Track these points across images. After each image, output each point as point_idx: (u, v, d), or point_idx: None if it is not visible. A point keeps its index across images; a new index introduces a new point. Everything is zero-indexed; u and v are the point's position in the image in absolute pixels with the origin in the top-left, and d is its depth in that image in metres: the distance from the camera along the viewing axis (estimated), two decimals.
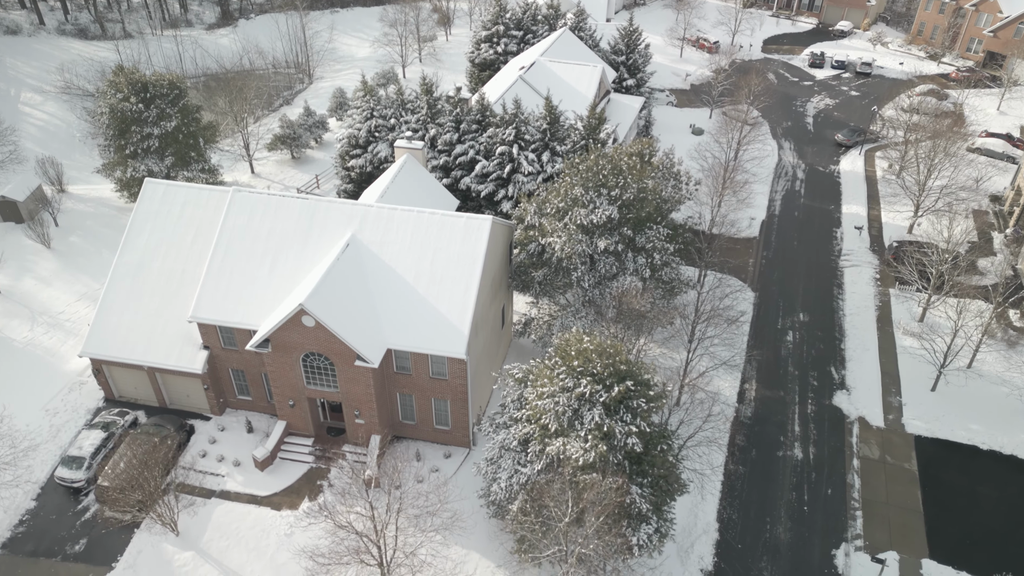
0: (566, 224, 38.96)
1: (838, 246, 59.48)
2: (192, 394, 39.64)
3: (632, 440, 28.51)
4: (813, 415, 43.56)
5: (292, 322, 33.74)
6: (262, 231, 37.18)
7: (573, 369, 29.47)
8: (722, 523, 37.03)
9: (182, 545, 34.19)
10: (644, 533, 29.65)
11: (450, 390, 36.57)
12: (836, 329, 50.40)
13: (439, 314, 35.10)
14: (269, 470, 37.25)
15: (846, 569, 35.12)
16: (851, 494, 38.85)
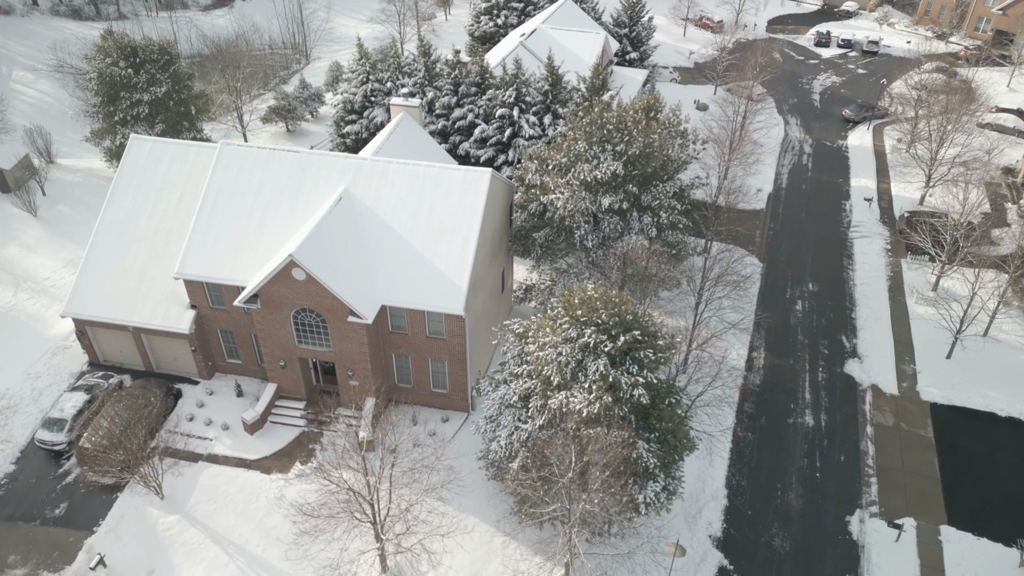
0: (569, 181, 37.43)
1: (847, 218, 57.96)
2: (179, 357, 38.10)
3: (639, 391, 26.96)
4: (824, 383, 42.05)
5: (282, 275, 32.21)
6: (251, 185, 35.64)
7: (577, 319, 27.93)
8: (731, 489, 35.50)
9: (167, 509, 32.66)
10: (651, 491, 28.14)
11: (448, 350, 35.02)
12: (846, 299, 48.90)
13: (436, 269, 33.56)
14: (259, 434, 35.71)
15: (861, 535, 33.60)
16: (865, 461, 37.32)
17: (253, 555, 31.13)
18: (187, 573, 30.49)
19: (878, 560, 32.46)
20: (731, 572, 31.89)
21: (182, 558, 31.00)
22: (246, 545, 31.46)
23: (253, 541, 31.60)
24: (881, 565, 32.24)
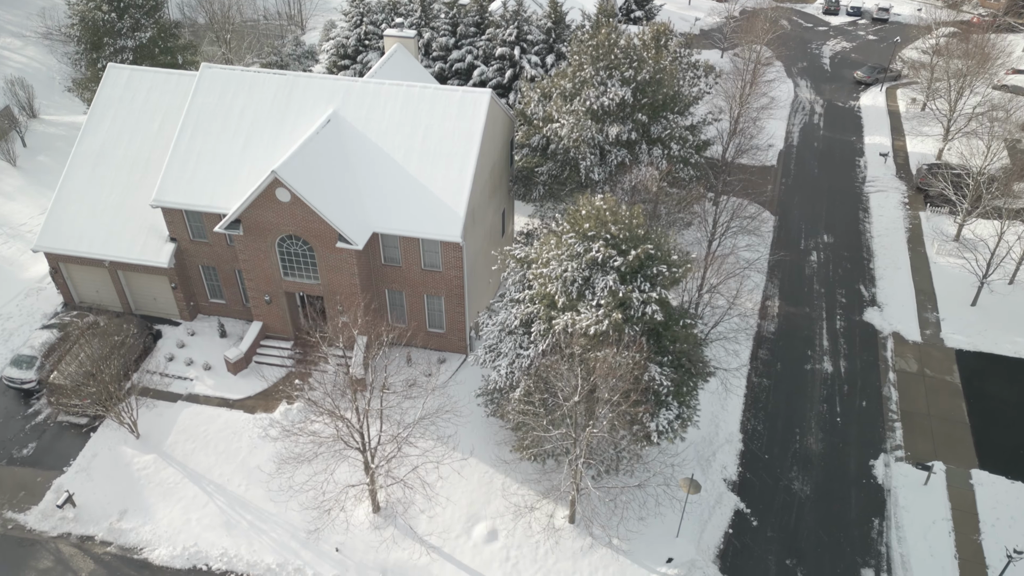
0: (573, 109, 35.18)
1: (862, 173, 55.72)
2: (159, 297, 35.89)
3: (652, 308, 24.73)
4: (843, 331, 39.81)
5: (265, 197, 29.98)
6: (234, 109, 33.37)
7: (584, 233, 25.69)
8: (746, 434, 33.26)
9: (142, 448, 30.46)
10: (664, 419, 25.92)
11: (444, 284, 32.79)
12: (863, 250, 46.67)
13: (431, 194, 31.33)
14: (243, 374, 33.48)
15: (887, 479, 31.36)
16: (888, 406, 35.08)
17: (235, 494, 28.93)
18: (163, 512, 28.31)
19: (906, 504, 30.22)
20: (748, 515, 29.69)
21: (158, 498, 28.80)
22: (227, 485, 29.26)
23: (235, 480, 29.40)
24: (909, 509, 30.00)
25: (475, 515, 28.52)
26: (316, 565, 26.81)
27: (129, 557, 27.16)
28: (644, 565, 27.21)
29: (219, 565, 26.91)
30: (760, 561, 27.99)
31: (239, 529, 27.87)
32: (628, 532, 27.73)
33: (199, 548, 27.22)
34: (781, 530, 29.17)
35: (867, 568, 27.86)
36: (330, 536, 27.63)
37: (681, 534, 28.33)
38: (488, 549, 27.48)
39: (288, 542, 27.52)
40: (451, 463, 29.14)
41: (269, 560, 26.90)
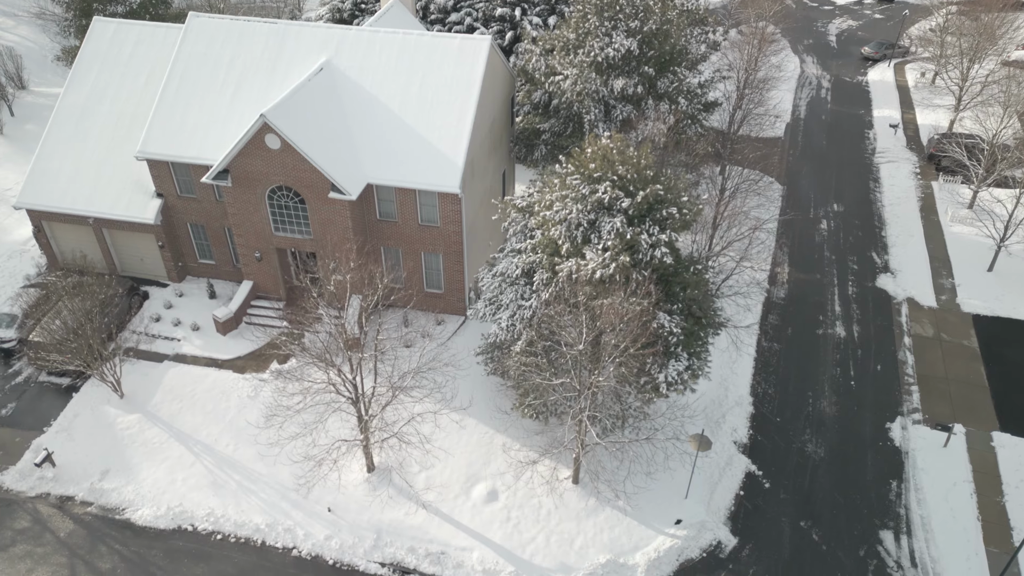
0: (577, 61, 33.83)
1: (871, 145, 54.36)
2: (147, 257, 34.55)
3: (661, 251, 23.38)
4: (855, 296, 38.46)
5: (254, 144, 28.64)
6: (223, 59, 32.03)
7: (590, 175, 24.37)
8: (756, 397, 31.91)
9: (127, 408, 29.14)
10: (673, 370, 24.58)
11: (442, 240, 31.46)
12: (875, 218, 45.33)
13: (428, 144, 29.99)
14: (232, 334, 32.16)
15: (904, 442, 30.02)
16: (904, 370, 33.73)
17: (223, 455, 27.62)
18: (147, 473, 26.99)
19: (924, 466, 28.88)
20: (759, 478, 28.35)
21: (142, 458, 27.48)
22: (215, 445, 27.94)
23: (223, 441, 28.08)
24: (928, 471, 28.66)
25: (474, 475, 27.20)
26: (307, 525, 25.49)
27: (110, 517, 25.85)
28: (652, 526, 25.90)
29: (205, 526, 25.59)
30: (773, 523, 26.67)
31: (227, 489, 26.56)
32: (636, 488, 26.44)
33: (184, 508, 25.91)
34: (795, 492, 27.85)
35: (886, 530, 26.54)
36: (322, 496, 26.34)
37: (690, 496, 27.01)
38: (488, 509, 26.16)
39: (278, 502, 26.21)
40: (449, 414, 27.81)
41: (258, 520, 25.58)
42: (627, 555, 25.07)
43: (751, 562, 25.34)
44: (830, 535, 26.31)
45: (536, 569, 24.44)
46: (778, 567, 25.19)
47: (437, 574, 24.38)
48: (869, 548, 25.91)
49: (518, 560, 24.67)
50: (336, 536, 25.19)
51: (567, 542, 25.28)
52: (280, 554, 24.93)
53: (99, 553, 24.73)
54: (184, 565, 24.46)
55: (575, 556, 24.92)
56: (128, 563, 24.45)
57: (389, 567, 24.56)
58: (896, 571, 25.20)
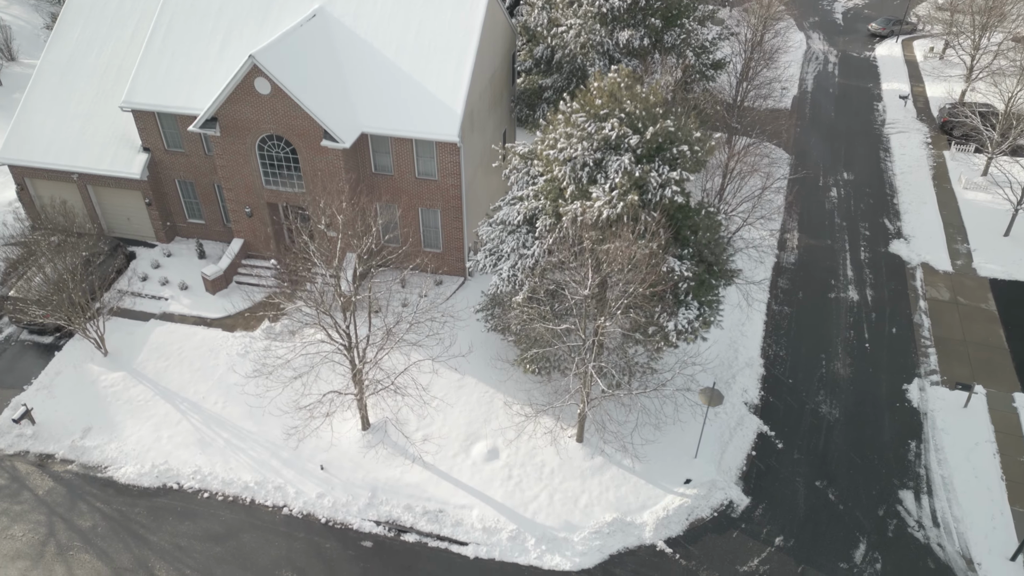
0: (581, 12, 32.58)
1: (881, 117, 53.07)
2: (134, 216, 33.32)
3: (672, 190, 22.13)
4: (868, 261, 37.22)
5: (243, 89, 27.37)
6: (212, 7, 30.70)
7: (596, 112, 23.12)
8: (767, 359, 30.67)
9: (110, 366, 27.93)
10: (684, 318, 23.34)
11: (440, 195, 30.22)
12: (886, 186, 44.07)
13: (426, 92, 28.73)
14: (222, 293, 30.92)
15: (922, 403, 28.79)
16: (920, 333, 32.49)
17: (211, 412, 26.38)
18: (131, 430, 25.77)
19: (944, 426, 27.65)
20: (772, 438, 27.11)
21: (126, 416, 26.26)
22: (202, 403, 26.71)
23: (211, 399, 26.85)
24: (949, 431, 27.43)
25: (474, 433, 25.97)
26: (298, 483, 24.26)
27: (92, 475, 24.63)
28: (660, 485, 24.66)
29: (191, 484, 24.36)
30: (787, 483, 25.43)
31: (214, 447, 25.33)
32: (644, 441, 25.27)
33: (170, 466, 24.68)
34: (809, 453, 26.61)
35: (905, 489, 25.30)
36: (314, 454, 25.13)
37: (700, 455, 25.78)
38: (488, 467, 24.93)
39: (268, 460, 24.98)
40: (448, 363, 26.60)
41: (247, 478, 24.35)
42: (634, 514, 23.84)
43: (764, 521, 24.11)
44: (847, 495, 25.07)
45: (539, 527, 23.23)
46: (793, 526, 23.97)
47: (435, 532, 23.16)
48: (888, 508, 24.68)
49: (520, 518, 23.46)
50: (329, 494, 23.97)
51: (571, 500, 24.06)
52: (270, 512, 23.70)
53: (79, 511, 23.51)
54: (168, 523, 23.24)
55: (580, 514, 23.70)
56: (109, 521, 23.22)
57: (384, 525, 23.33)
58: (917, 530, 23.98)
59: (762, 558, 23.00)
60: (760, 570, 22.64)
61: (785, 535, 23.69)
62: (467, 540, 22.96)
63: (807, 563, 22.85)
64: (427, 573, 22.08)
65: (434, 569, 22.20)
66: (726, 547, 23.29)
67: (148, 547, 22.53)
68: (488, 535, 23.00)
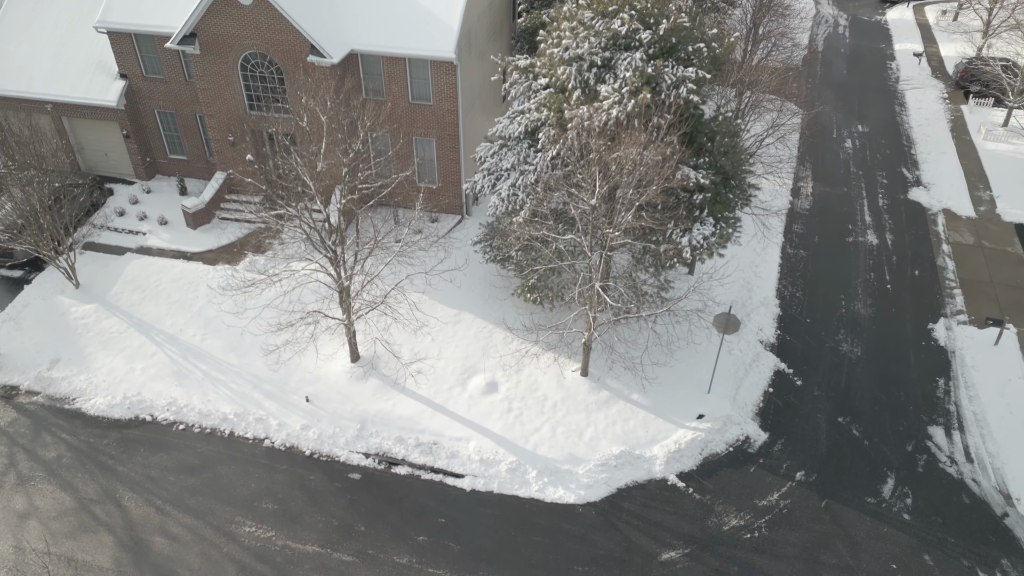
0: None
1: (895, 74, 51.26)
2: (112, 152, 31.52)
3: (687, 88, 20.33)
4: (886, 207, 35.42)
5: (224, 1, 25.62)
6: None
7: (604, 8, 21.31)
8: (783, 299, 28.89)
9: (82, 298, 26.15)
10: (699, 234, 21.55)
11: (436, 121, 28.41)
12: (903, 138, 42.27)
13: (420, 7, 26.86)
14: (204, 228, 29.13)
15: (949, 341, 27.00)
16: (944, 275, 30.71)
17: (189, 344, 24.60)
18: (102, 362, 23.98)
19: (974, 363, 25.84)
20: (790, 375, 25.30)
21: (97, 347, 24.47)
22: (180, 335, 24.93)
23: (189, 331, 25.08)
24: (979, 368, 25.61)
25: (471, 367, 24.18)
26: (281, 415, 22.48)
27: (59, 407, 22.85)
28: (671, 420, 22.89)
29: (166, 415, 22.59)
30: (808, 418, 23.65)
31: (192, 379, 23.55)
32: (653, 363, 23.56)
33: (143, 398, 22.90)
34: (830, 389, 24.82)
35: (935, 425, 23.50)
36: (299, 387, 23.37)
37: (713, 391, 23.99)
38: (487, 400, 23.14)
39: (250, 392, 23.21)
40: (443, 275, 24.84)
41: (226, 410, 22.55)
42: (644, 448, 22.06)
43: (784, 457, 22.32)
44: (872, 431, 23.27)
45: (540, 460, 21.45)
46: (815, 462, 22.17)
47: (428, 464, 21.40)
48: (918, 443, 22.88)
49: (520, 450, 21.68)
50: (314, 426, 22.18)
51: (575, 433, 22.28)
52: (250, 445, 21.92)
53: (43, 442, 21.73)
54: (140, 455, 21.47)
55: (585, 447, 21.92)
56: (75, 452, 21.45)
57: (374, 457, 21.55)
58: (950, 465, 22.19)
59: (782, 492, 21.21)
60: (780, 504, 20.86)
61: (807, 470, 21.90)
62: (463, 472, 21.17)
63: (831, 498, 21.05)
64: (420, 505, 20.32)
65: (427, 501, 20.43)
66: (743, 482, 21.51)
67: (116, 478, 20.75)
68: (486, 467, 21.22)
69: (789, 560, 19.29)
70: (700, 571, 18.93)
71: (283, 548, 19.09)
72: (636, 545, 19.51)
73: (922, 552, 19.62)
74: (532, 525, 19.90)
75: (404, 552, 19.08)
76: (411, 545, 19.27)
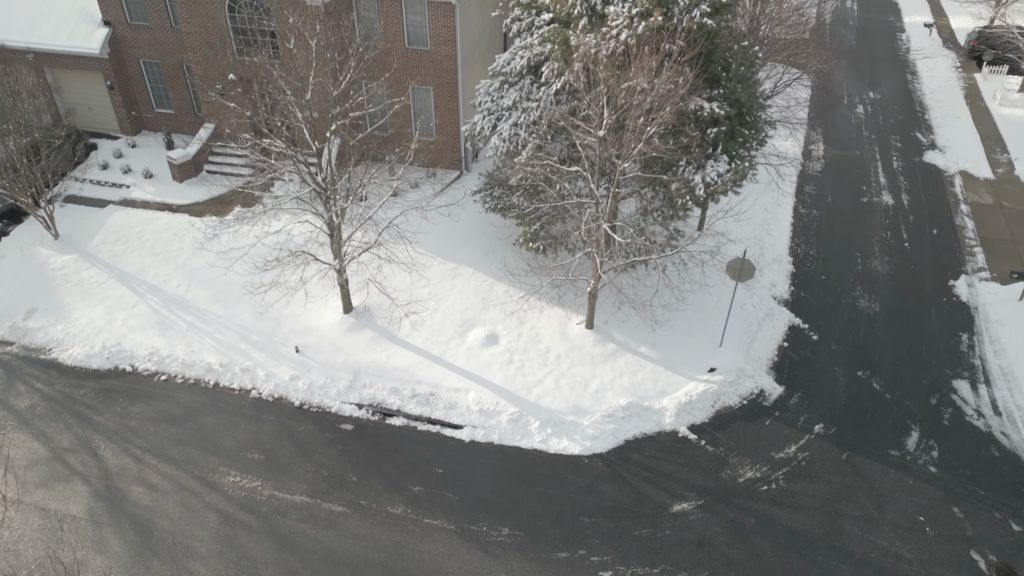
0: None
1: (905, 45, 50.04)
2: (96, 105, 30.28)
3: (702, 10, 19.07)
4: (901, 169, 34.19)
5: None
6: None
7: None
8: (796, 257, 27.67)
9: (61, 249, 24.92)
10: (713, 171, 20.32)
11: (433, 68, 27.15)
12: (916, 104, 41.02)
13: None
14: (190, 182, 27.91)
15: (972, 297, 25.76)
16: (964, 234, 29.48)
17: (173, 295, 23.36)
18: (81, 312, 22.74)
19: (999, 319, 24.60)
20: (805, 330, 24.07)
21: (76, 297, 23.23)
22: (164, 286, 23.69)
23: (174, 281, 23.83)
24: (1004, 323, 24.35)
25: (471, 320, 22.96)
26: (270, 366, 21.23)
27: (34, 357, 21.60)
28: (681, 372, 21.68)
29: (147, 366, 21.34)
30: (825, 372, 22.40)
31: (175, 330, 22.32)
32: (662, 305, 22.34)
33: (123, 348, 21.65)
34: (848, 344, 23.58)
35: (959, 380, 22.25)
36: (289, 338, 22.16)
37: (725, 345, 22.77)
38: (487, 352, 21.90)
39: (236, 343, 21.98)
40: (439, 210, 23.65)
41: (211, 360, 21.29)
42: (652, 399, 20.84)
43: (801, 410, 21.09)
44: (894, 384, 22.04)
45: (543, 411, 20.23)
46: (834, 415, 20.94)
47: (425, 415, 20.18)
48: (942, 397, 21.65)
49: (522, 402, 20.46)
50: (304, 377, 20.95)
51: (580, 385, 21.05)
52: (236, 395, 20.67)
53: (16, 391, 20.49)
54: (118, 404, 20.23)
55: (590, 399, 20.69)
56: (50, 402, 20.22)
57: (367, 408, 20.33)
58: (977, 419, 20.97)
59: (800, 445, 19.99)
60: (799, 457, 19.63)
61: (826, 423, 20.66)
62: (462, 423, 19.93)
63: (852, 450, 19.83)
64: (415, 456, 19.09)
65: (424, 452, 19.20)
66: (758, 434, 20.28)
67: (92, 427, 19.52)
68: (486, 418, 19.98)
69: (809, 512, 18.07)
70: (715, 522, 17.71)
71: (269, 498, 17.87)
72: (646, 496, 18.28)
73: (950, 504, 18.40)
74: (535, 476, 18.67)
75: (398, 502, 17.86)
76: (406, 495, 18.04)
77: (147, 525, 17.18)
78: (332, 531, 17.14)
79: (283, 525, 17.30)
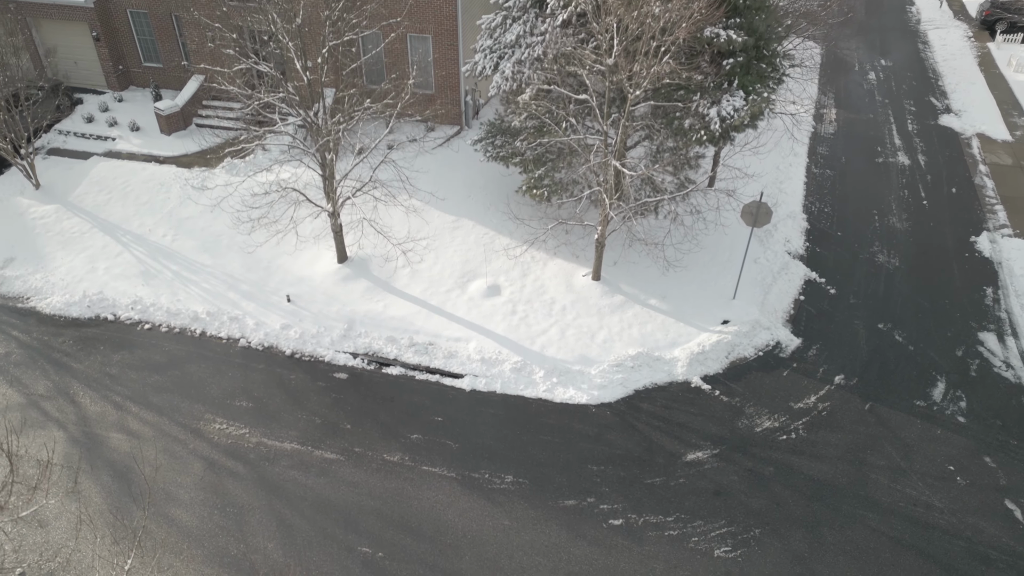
0: None
1: (916, 17, 48.97)
2: (82, 60, 29.13)
3: None
4: (917, 132, 33.08)
5: None
6: None
7: None
8: (810, 214, 26.62)
9: (42, 199, 23.79)
10: (728, 105, 19.21)
11: (432, 14, 26.00)
12: (929, 71, 39.89)
13: None
14: (179, 135, 26.79)
15: (995, 253, 24.65)
16: (983, 192, 28.39)
17: (158, 245, 22.27)
18: (61, 261, 21.64)
19: (1023, 272, 23.69)
20: (822, 284, 22.98)
21: (56, 247, 22.13)
22: (149, 235, 22.59)
23: (159, 232, 22.74)
24: None
25: (472, 272, 21.86)
26: (259, 315, 20.14)
27: (11, 306, 20.50)
28: (692, 324, 20.61)
29: (130, 314, 20.25)
30: (845, 325, 21.31)
31: (160, 279, 21.22)
32: (674, 244, 21.21)
33: (104, 296, 20.56)
34: (868, 298, 22.49)
35: (986, 332, 21.14)
36: (280, 287, 21.07)
37: (738, 297, 21.70)
38: (488, 303, 20.83)
39: (224, 292, 20.88)
40: (437, 147, 22.53)
41: (197, 309, 20.19)
42: (663, 350, 19.76)
43: (820, 362, 19.99)
44: (917, 336, 20.95)
45: (548, 360, 19.14)
46: (854, 366, 19.85)
47: (423, 364, 19.09)
48: (968, 348, 20.55)
49: (526, 351, 19.37)
50: (296, 326, 19.87)
51: (587, 335, 19.97)
52: (224, 344, 19.58)
53: None
54: (99, 352, 19.14)
55: (598, 349, 19.60)
56: (27, 349, 19.12)
57: (362, 357, 19.23)
58: (1006, 370, 19.87)
59: (820, 396, 18.90)
60: (819, 407, 18.55)
61: (846, 374, 19.56)
62: (462, 372, 18.84)
63: (876, 400, 18.75)
64: (413, 405, 18.00)
65: (422, 401, 18.11)
66: (776, 385, 19.20)
67: (71, 375, 18.43)
68: (488, 367, 18.89)
69: (832, 461, 16.99)
70: (731, 471, 16.63)
71: (257, 445, 16.78)
72: (658, 445, 17.20)
73: (982, 454, 17.31)
74: (540, 425, 17.58)
75: (395, 450, 16.77)
76: (403, 443, 16.95)
77: (126, 472, 16.08)
78: (324, 478, 16.05)
79: (272, 472, 16.20)
